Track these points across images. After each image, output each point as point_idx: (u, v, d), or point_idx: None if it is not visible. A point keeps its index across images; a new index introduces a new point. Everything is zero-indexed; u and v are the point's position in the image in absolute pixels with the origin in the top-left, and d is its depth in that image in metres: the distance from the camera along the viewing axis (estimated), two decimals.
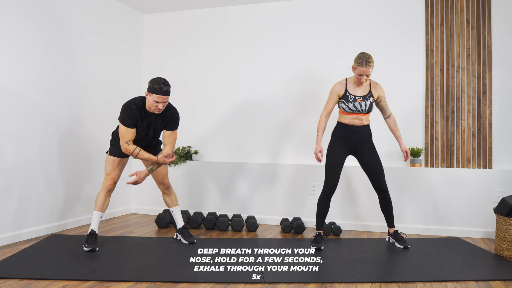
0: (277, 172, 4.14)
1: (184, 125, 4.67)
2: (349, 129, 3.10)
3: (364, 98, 3.03)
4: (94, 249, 2.93)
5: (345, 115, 3.09)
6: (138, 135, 3.02)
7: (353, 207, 3.90)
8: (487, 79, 3.79)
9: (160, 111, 2.93)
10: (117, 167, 3.09)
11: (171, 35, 4.75)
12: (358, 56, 2.97)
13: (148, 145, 3.16)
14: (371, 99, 3.06)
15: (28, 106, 3.37)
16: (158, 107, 2.89)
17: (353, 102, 3.02)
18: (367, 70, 2.93)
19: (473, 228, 3.63)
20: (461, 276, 2.51)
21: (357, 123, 3.09)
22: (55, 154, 3.63)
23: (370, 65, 2.93)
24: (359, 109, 3.03)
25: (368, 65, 2.92)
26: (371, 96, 3.06)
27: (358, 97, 3.02)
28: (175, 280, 2.39)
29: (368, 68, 2.92)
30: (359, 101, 3.02)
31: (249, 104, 4.44)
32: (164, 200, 3.34)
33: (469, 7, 3.85)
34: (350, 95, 3.03)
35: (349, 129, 3.10)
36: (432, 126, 3.92)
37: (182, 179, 4.39)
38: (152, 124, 3.03)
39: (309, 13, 4.29)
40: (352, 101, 3.01)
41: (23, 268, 2.55)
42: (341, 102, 3.07)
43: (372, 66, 2.94)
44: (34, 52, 3.43)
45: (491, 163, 3.76)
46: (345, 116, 3.09)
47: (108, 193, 3.08)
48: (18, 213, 3.30)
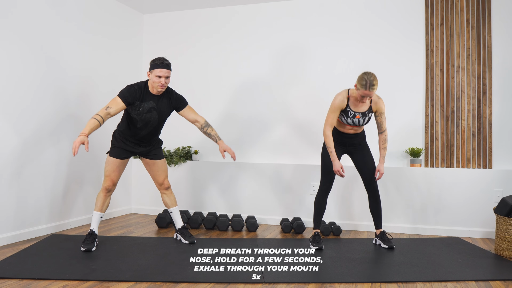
0: (277, 172, 4.14)
1: (184, 125, 4.67)
2: (345, 136, 3.16)
3: (363, 115, 3.04)
4: (90, 249, 2.92)
5: (342, 124, 3.11)
6: (141, 121, 2.99)
7: (353, 207, 3.90)
8: (487, 79, 3.79)
9: (164, 87, 2.94)
10: (117, 169, 3.07)
11: (171, 35, 4.75)
12: (361, 77, 2.86)
13: (152, 136, 3.11)
14: (370, 114, 3.07)
15: (27, 106, 3.37)
16: (161, 82, 2.91)
17: (352, 118, 3.03)
18: (371, 93, 2.86)
19: (473, 228, 3.63)
20: (461, 276, 2.51)
21: (352, 132, 3.14)
22: (55, 154, 3.63)
23: (373, 88, 2.84)
24: (356, 124, 3.06)
25: (371, 89, 2.83)
26: (370, 112, 3.07)
27: (358, 113, 3.03)
28: (175, 280, 2.39)
29: (371, 91, 2.84)
30: (358, 118, 3.03)
31: (249, 104, 4.44)
32: (163, 200, 3.34)
33: (469, 7, 3.85)
34: (351, 110, 3.02)
35: (345, 136, 3.16)
36: (432, 126, 3.92)
37: (182, 179, 4.39)
38: (157, 107, 3.01)
39: (309, 13, 4.28)
40: (352, 117, 3.03)
41: (23, 268, 2.55)
42: (341, 114, 3.07)
43: (375, 88, 2.85)
44: (33, 52, 3.43)
45: (491, 163, 3.76)
46: (342, 124, 3.12)
47: (108, 193, 3.07)
48: (18, 213, 3.30)
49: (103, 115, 2.81)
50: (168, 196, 3.31)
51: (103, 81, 4.19)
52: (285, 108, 4.33)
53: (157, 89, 2.97)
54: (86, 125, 2.79)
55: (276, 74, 4.37)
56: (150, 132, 3.10)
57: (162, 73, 2.91)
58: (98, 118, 2.77)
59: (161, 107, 3.04)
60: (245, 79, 4.47)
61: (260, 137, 4.38)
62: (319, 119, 4.14)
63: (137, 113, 2.98)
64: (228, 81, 4.53)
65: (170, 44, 4.75)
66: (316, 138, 4.10)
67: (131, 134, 3.08)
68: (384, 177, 3.75)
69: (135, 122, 3.02)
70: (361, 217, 3.86)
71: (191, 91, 4.65)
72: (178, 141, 4.62)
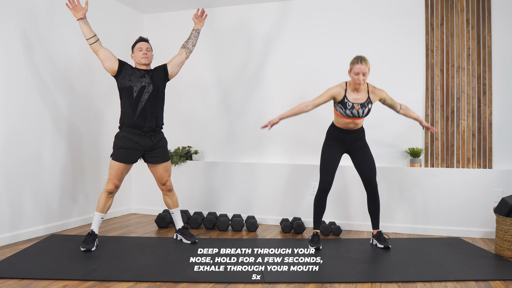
0: (277, 172, 4.14)
1: (184, 125, 4.67)
2: (344, 132, 3.13)
3: (362, 106, 3.02)
4: (90, 249, 2.92)
5: (341, 117, 3.08)
6: (136, 88, 3.02)
7: (353, 207, 3.90)
8: (487, 79, 3.79)
9: (147, 57, 3.08)
10: (120, 173, 3.05)
11: (171, 35, 4.75)
12: (352, 58, 2.99)
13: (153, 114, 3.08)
14: (369, 106, 3.04)
15: (26, 106, 3.37)
16: (143, 52, 3.08)
17: (351, 110, 3.00)
18: (363, 68, 2.90)
19: (473, 228, 3.63)
20: (461, 276, 2.51)
21: (352, 126, 3.11)
22: (54, 154, 3.63)
23: (365, 62, 2.91)
24: (355, 115, 3.04)
25: (363, 62, 2.90)
26: (369, 103, 3.04)
27: (356, 104, 3.00)
28: (175, 280, 2.39)
29: (363, 65, 2.90)
30: (357, 109, 3.01)
31: (249, 104, 4.44)
32: (164, 201, 3.33)
33: (469, 7, 3.85)
34: (349, 102, 3.01)
35: (344, 131, 3.13)
36: (432, 126, 3.92)
37: (182, 179, 4.39)
38: (152, 81, 3.09)
39: (309, 13, 4.28)
40: (350, 109, 3.00)
41: (23, 268, 2.55)
42: (338, 106, 3.05)
43: (367, 65, 2.92)
44: (32, 52, 3.43)
45: (491, 163, 3.76)
46: (340, 118, 3.09)
47: (110, 195, 3.06)
48: (18, 213, 3.30)
49: (98, 39, 3.02)
50: (170, 198, 3.30)
51: (102, 81, 4.19)
52: (285, 108, 4.32)
53: (142, 60, 3.08)
54: (85, 30, 2.98)
55: (276, 74, 4.37)
56: (150, 105, 3.06)
57: (142, 45, 3.09)
58: (95, 34, 3.01)
59: (156, 78, 3.12)
60: (244, 79, 4.47)
61: (260, 137, 4.38)
62: (319, 119, 4.14)
63: (131, 78, 3.03)
64: (228, 81, 4.52)
65: (170, 44, 4.74)
66: (316, 138, 4.10)
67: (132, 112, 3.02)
68: (384, 177, 3.75)
69: (131, 93, 3.02)
70: (361, 217, 3.86)
71: (191, 91, 4.65)
72: (178, 141, 4.62)
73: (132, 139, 3.04)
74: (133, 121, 3.03)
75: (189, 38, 3.30)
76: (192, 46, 3.31)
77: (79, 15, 2.95)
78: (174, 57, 3.25)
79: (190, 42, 3.29)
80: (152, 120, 3.08)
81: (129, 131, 3.04)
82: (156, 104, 3.11)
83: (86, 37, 2.98)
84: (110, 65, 3.02)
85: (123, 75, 3.04)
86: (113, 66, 3.03)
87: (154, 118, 3.09)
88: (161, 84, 3.15)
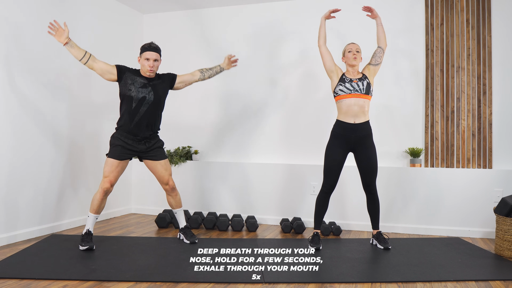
0: (277, 172, 4.14)
1: (184, 125, 4.67)
2: (348, 127, 3.06)
3: (360, 79, 3.11)
4: (92, 247, 2.93)
5: (343, 99, 3.05)
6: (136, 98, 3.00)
7: (353, 207, 3.90)
8: (487, 79, 3.79)
9: (152, 70, 3.02)
10: (115, 170, 3.05)
11: (171, 35, 4.75)
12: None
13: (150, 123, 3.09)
14: (367, 80, 3.12)
15: (23, 106, 3.37)
16: (149, 64, 3.00)
17: (350, 83, 3.08)
18: (355, 45, 3.16)
19: (473, 228, 3.63)
20: (461, 276, 2.51)
21: (356, 110, 3.04)
22: (53, 154, 3.63)
23: (355, 43, 3.21)
24: (356, 89, 3.05)
25: (353, 43, 3.20)
26: (366, 78, 3.13)
27: (355, 78, 3.11)
28: (175, 280, 2.39)
29: (355, 44, 3.18)
30: (356, 82, 3.09)
31: (249, 104, 4.44)
32: (168, 201, 3.33)
33: (469, 7, 3.85)
34: (347, 77, 3.12)
35: (349, 127, 3.06)
36: (432, 126, 3.92)
37: (182, 179, 4.39)
38: (151, 84, 3.06)
39: (308, 13, 4.28)
40: (349, 82, 3.09)
41: (23, 268, 2.55)
42: (338, 86, 3.10)
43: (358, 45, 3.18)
44: (32, 52, 3.43)
45: (491, 163, 3.76)
46: (343, 103, 3.06)
47: (105, 195, 3.04)
48: (17, 213, 3.30)
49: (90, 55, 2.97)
50: (173, 198, 3.29)
51: (102, 81, 4.18)
52: (285, 108, 4.33)
53: (147, 73, 3.03)
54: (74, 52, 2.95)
55: (277, 74, 4.37)
56: (147, 117, 3.06)
57: (150, 56, 3.01)
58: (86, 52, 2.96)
59: (157, 87, 3.09)
60: (244, 79, 4.47)
61: (261, 137, 4.38)
62: (320, 119, 4.15)
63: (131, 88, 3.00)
64: (228, 81, 4.52)
65: (170, 44, 4.74)
66: (316, 138, 4.10)
67: (129, 120, 3.03)
68: (384, 177, 3.75)
69: (130, 103, 3.01)
70: (361, 217, 3.86)
71: (191, 91, 4.65)
72: (178, 141, 4.62)
73: (127, 142, 3.08)
74: (129, 128, 3.07)
75: (210, 69, 3.33)
76: (208, 77, 3.33)
77: (63, 40, 2.91)
78: (186, 75, 3.27)
79: (208, 73, 3.32)
80: (148, 130, 3.12)
81: (124, 135, 3.08)
82: (154, 115, 3.13)
83: (77, 59, 2.97)
84: (109, 77, 3.04)
85: (123, 82, 3.04)
86: (112, 77, 3.04)
87: (150, 127, 3.14)
88: (163, 94, 3.15)
